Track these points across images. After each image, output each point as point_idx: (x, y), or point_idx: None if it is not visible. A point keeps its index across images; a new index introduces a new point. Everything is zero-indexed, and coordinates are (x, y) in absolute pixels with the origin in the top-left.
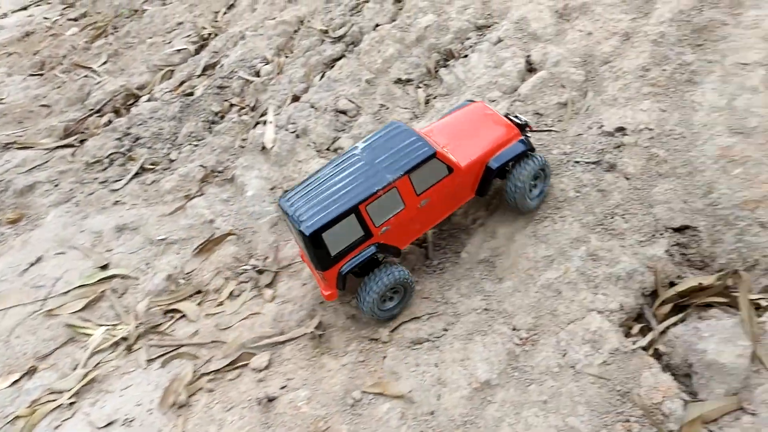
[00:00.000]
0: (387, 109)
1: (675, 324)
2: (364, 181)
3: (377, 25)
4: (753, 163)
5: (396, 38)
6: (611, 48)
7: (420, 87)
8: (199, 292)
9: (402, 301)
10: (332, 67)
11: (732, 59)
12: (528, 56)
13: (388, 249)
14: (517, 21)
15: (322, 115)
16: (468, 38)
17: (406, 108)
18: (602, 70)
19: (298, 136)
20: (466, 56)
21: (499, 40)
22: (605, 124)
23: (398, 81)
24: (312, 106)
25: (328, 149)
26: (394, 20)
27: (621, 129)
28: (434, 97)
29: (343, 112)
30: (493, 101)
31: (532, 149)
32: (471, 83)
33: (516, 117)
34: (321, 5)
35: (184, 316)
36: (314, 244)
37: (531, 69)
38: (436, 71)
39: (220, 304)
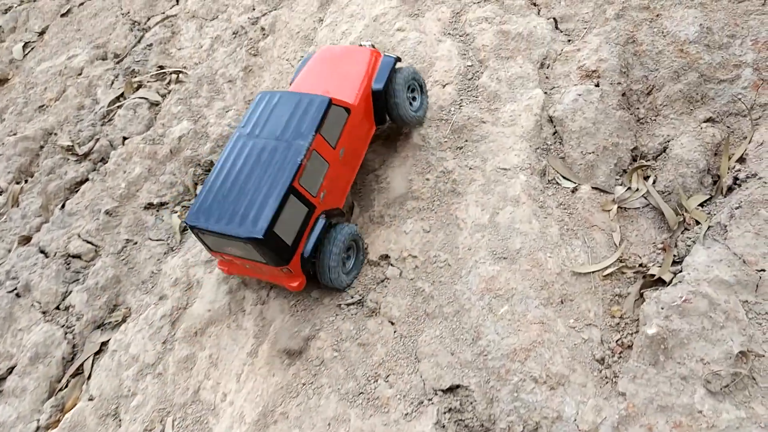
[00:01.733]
0: (135, 244)
1: None
2: (280, 158)
3: (125, 139)
4: (519, 298)
5: (146, 153)
6: (372, 154)
7: (176, 211)
8: None
9: (357, 259)
10: (77, 191)
11: (493, 164)
12: None
13: (333, 213)
14: None
15: (50, 263)
16: None
17: (159, 240)
18: (369, 179)
19: (18, 296)
20: None
21: None
22: (370, 251)
23: (149, 206)
24: (41, 251)
25: (57, 308)
26: (150, 127)
27: (385, 257)
28: None
29: (77, 257)
30: None
31: (399, 59)
32: None
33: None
34: (72, 113)
35: None
36: (271, 244)
37: None
38: (197, 186)
39: None
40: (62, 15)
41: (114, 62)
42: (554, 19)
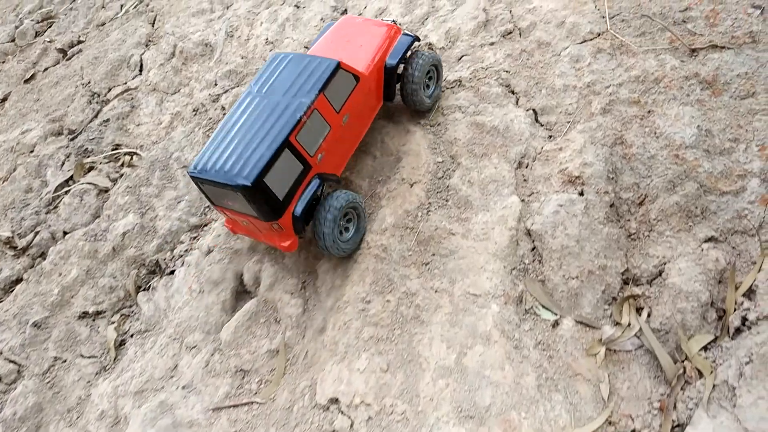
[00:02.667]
0: (63, 363)
1: None
2: (282, 113)
3: (66, 233)
4: None
5: (85, 252)
6: (331, 265)
7: (113, 322)
8: None
9: (359, 229)
10: (11, 291)
11: (462, 287)
12: (240, 275)
13: (329, 177)
14: None
15: None
16: (181, 242)
17: (92, 357)
18: (323, 296)
19: None
20: (173, 272)
21: (209, 250)
22: (318, 390)
23: (84, 315)
24: None
25: None
26: (97, 218)
27: (335, 401)
28: (131, 336)
29: None
30: (194, 347)
31: (418, 39)
32: (173, 315)
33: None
34: (19, 196)
35: None
36: (259, 193)
37: (244, 291)
38: (139, 291)
39: None
40: (25, 81)
41: (68, 139)
42: (534, 110)
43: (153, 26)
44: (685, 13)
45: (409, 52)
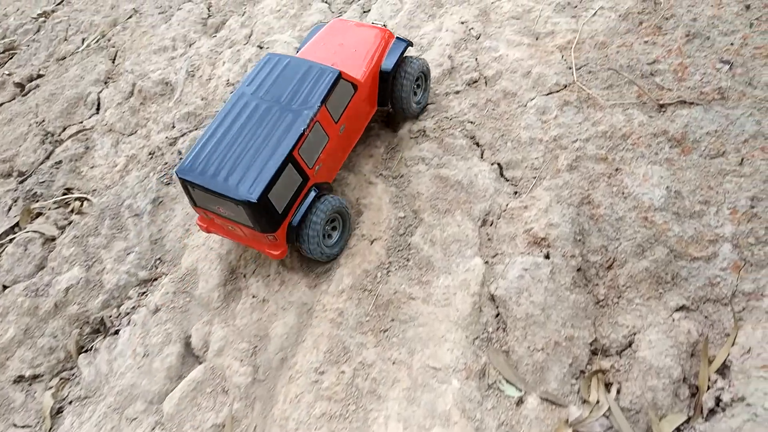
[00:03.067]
0: None
1: None
2: (283, 125)
3: (5, 288)
4: None
5: (24, 309)
6: (285, 328)
7: (50, 387)
8: None
9: (343, 235)
10: None
11: (421, 358)
12: (188, 337)
13: (323, 186)
14: (186, 273)
15: None
16: (129, 298)
17: (25, 426)
18: (275, 363)
19: None
20: (117, 332)
21: (157, 309)
22: None
23: (20, 379)
24: None
25: None
26: (41, 269)
27: None
28: (70, 402)
29: None
30: (135, 419)
31: (411, 44)
32: (114, 381)
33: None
34: None
35: None
36: (263, 209)
37: (192, 355)
38: (81, 352)
39: None
40: None
41: (17, 181)
42: (499, 164)
43: (113, 62)
44: (653, 66)
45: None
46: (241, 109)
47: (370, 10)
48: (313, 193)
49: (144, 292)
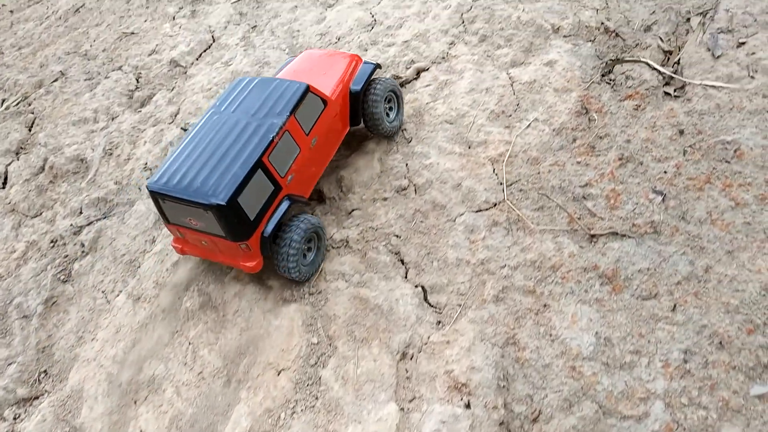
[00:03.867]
0: None
1: None
2: (252, 133)
3: None
4: None
5: None
6: None
7: None
8: None
9: (318, 254)
10: None
11: None
12: None
13: (298, 199)
14: (70, 395)
15: None
16: (2, 419)
17: None
18: None
19: None
20: None
21: None
22: None
23: None
24: None
25: None
26: None
27: None
28: None
29: None
30: None
31: (379, 66)
32: None
33: None
34: None
35: None
36: (232, 213)
37: None
38: None
39: None
40: None
41: None
42: (423, 288)
43: (29, 131)
44: (586, 189)
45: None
46: (211, 124)
47: None
48: (286, 203)
49: (19, 416)
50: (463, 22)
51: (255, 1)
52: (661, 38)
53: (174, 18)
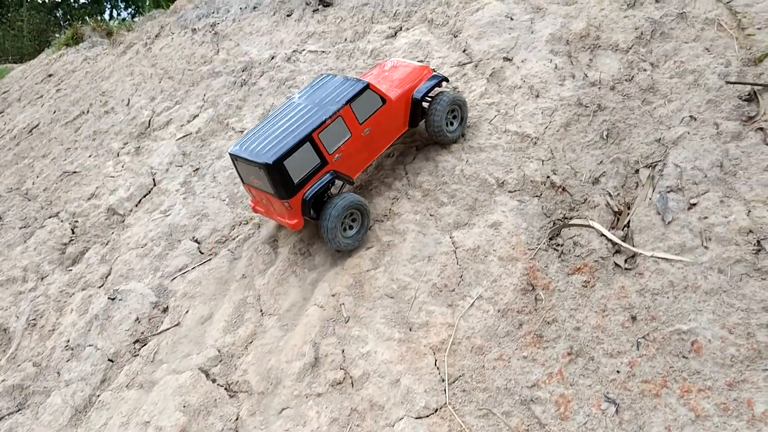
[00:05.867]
0: None
1: None
2: (312, 115)
3: None
4: None
5: None
6: None
7: None
8: None
9: (362, 229)
10: None
11: None
12: None
13: (343, 177)
14: None
15: None
16: None
17: None
18: None
19: None
20: None
21: None
22: None
23: None
24: None
25: None
26: None
27: None
28: None
29: None
30: None
31: (447, 80)
32: None
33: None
34: None
35: None
36: (278, 172)
37: None
38: None
39: None
40: None
41: None
42: None
43: None
44: (533, 390)
45: (436, 90)
46: (284, 110)
47: (239, 256)
48: (328, 176)
49: None
50: (406, 173)
51: (200, 140)
52: (609, 194)
53: (118, 154)
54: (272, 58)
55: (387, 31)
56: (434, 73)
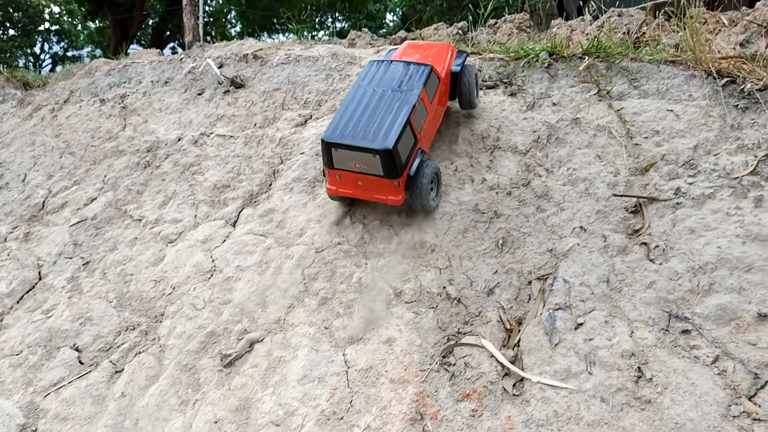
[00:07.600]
0: None
1: None
2: (398, 100)
3: None
4: None
5: None
6: None
7: None
8: None
9: (438, 191)
10: None
11: None
12: None
13: (424, 151)
14: None
15: None
16: None
17: None
18: None
19: None
20: None
21: None
22: None
23: None
24: None
25: None
26: None
27: None
28: None
29: None
30: None
31: (469, 54)
32: None
33: None
34: None
35: None
36: (393, 156)
37: None
38: None
39: None
40: None
41: None
42: None
43: None
44: None
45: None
46: (361, 95)
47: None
48: (421, 153)
49: None
50: (304, 279)
51: (94, 228)
52: (503, 307)
53: (6, 240)
54: (179, 139)
55: (297, 119)
56: (458, 50)
